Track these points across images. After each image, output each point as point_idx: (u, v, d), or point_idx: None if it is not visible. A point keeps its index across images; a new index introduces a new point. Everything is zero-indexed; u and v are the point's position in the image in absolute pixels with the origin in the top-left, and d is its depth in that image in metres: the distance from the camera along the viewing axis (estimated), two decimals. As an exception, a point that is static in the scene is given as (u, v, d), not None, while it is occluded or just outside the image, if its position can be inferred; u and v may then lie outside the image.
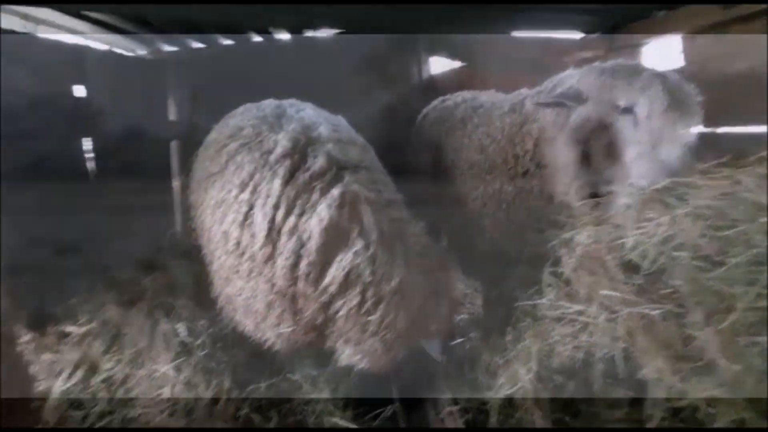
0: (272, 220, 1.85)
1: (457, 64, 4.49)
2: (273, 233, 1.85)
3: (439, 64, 4.73)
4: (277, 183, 1.87)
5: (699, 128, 2.04)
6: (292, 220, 1.83)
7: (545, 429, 1.71)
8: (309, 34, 4.17)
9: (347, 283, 1.81)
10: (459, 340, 2.29)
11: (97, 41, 3.66)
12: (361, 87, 4.41)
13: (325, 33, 4.18)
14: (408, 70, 4.71)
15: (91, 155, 3.55)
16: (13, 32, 3.04)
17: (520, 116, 2.37)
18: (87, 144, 3.55)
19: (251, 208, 1.90)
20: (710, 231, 1.37)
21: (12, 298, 2.00)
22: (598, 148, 2.06)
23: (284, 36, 4.13)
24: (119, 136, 3.59)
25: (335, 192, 1.85)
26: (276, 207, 1.85)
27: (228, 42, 4.04)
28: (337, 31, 4.10)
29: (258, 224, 1.86)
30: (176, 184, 3.84)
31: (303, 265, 1.82)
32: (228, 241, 1.95)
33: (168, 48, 4.04)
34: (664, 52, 2.60)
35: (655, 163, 1.90)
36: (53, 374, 2.24)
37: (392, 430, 1.90)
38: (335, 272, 1.80)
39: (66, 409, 2.10)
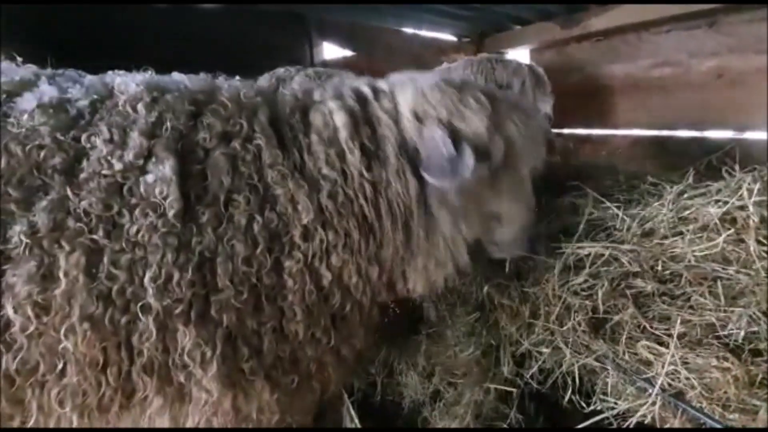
0: None
1: (348, 52, 4.57)
2: None
3: (331, 50, 4.77)
4: None
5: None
6: None
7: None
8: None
9: None
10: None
11: None
12: (252, 65, 4.25)
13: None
14: (301, 52, 4.65)
15: None
16: None
17: None
18: None
19: None
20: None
21: None
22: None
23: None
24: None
25: None
26: None
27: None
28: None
29: None
30: None
31: None
32: None
33: None
34: (521, 60, 3.05)
35: None
36: None
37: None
38: None
39: None
